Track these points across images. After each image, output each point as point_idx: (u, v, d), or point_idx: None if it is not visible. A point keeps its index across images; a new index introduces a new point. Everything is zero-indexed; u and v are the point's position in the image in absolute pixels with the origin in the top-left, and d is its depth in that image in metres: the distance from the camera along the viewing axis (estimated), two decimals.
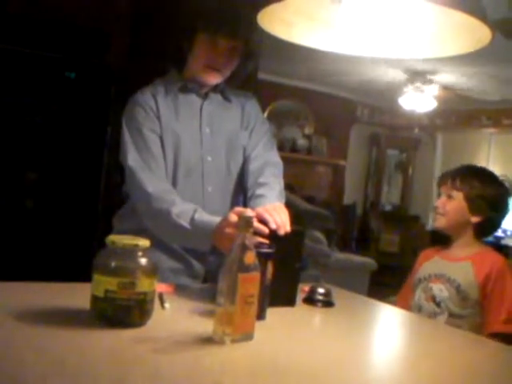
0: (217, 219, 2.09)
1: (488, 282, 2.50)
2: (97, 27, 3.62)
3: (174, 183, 2.32)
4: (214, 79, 2.40)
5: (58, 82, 3.59)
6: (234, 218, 1.96)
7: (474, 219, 2.60)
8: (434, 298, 2.59)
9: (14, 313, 1.63)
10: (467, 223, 2.62)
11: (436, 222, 2.70)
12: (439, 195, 2.72)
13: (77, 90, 3.63)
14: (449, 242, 2.70)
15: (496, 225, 2.74)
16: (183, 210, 2.16)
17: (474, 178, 2.62)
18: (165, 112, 2.35)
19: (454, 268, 2.59)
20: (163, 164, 2.31)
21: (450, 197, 2.63)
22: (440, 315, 2.53)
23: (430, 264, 2.72)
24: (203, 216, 2.15)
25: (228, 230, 1.97)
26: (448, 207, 2.63)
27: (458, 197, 2.60)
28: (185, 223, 2.13)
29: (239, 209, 2.07)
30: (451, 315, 2.52)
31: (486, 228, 2.68)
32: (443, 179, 2.71)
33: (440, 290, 2.57)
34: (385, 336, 2.10)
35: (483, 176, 2.68)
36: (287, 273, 2.07)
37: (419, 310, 2.61)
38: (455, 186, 2.62)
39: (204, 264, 2.37)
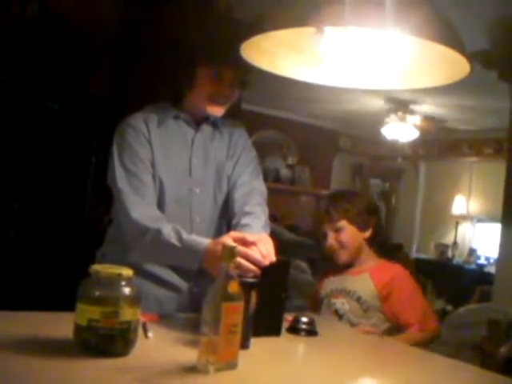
0: (207, 239, 2.11)
1: (389, 289, 2.62)
2: (82, 57, 3.63)
3: (162, 212, 2.31)
4: (220, 112, 2.40)
5: (42, 113, 3.60)
6: (229, 240, 1.97)
7: (366, 235, 2.75)
8: (336, 312, 2.69)
9: None
10: (362, 242, 2.74)
11: (338, 258, 2.75)
12: (324, 237, 2.77)
13: (60, 121, 3.63)
14: None
15: (380, 229, 2.88)
16: (173, 229, 2.16)
17: (343, 201, 2.74)
18: (156, 140, 2.32)
19: (353, 281, 2.71)
20: (153, 189, 2.29)
21: (336, 230, 2.72)
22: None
23: (330, 281, 2.82)
24: (193, 235, 2.17)
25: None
26: (342, 239, 2.71)
27: (344, 225, 2.70)
28: (175, 241, 2.12)
29: (235, 233, 2.09)
30: (351, 325, 2.62)
31: (375, 236, 2.79)
32: (321, 219, 2.82)
33: (342, 303, 2.68)
34: (369, 365, 2.10)
35: (348, 196, 2.81)
36: (273, 302, 2.07)
37: None
38: (334, 218, 2.71)
39: (192, 285, 2.37)
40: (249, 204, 2.40)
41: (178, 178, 2.37)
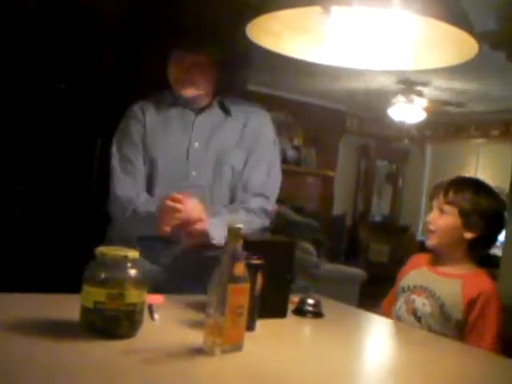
0: None
1: (474, 306, 2.33)
2: (88, 38, 3.62)
3: (153, 193, 2.42)
4: (190, 93, 2.41)
5: (49, 93, 3.59)
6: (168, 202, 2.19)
7: (468, 235, 2.41)
8: (415, 312, 2.44)
9: (2, 324, 1.63)
10: (460, 240, 2.43)
11: (428, 240, 2.51)
12: (431, 209, 2.54)
13: (67, 101, 3.62)
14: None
15: (491, 241, 2.53)
16: (146, 203, 2.36)
17: (468, 190, 2.44)
18: (152, 124, 2.43)
19: (441, 284, 2.43)
20: (142, 170, 2.43)
21: (442, 211, 2.46)
22: (418, 330, 2.38)
23: (417, 273, 2.56)
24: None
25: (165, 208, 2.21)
26: (440, 223, 2.45)
27: (451, 211, 2.43)
28: (144, 213, 2.32)
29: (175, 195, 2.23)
30: (430, 331, 2.35)
31: (481, 245, 2.46)
32: (435, 192, 2.54)
33: (423, 304, 2.42)
34: (374, 346, 2.11)
35: (478, 188, 2.48)
36: (278, 284, 2.07)
37: (398, 320, 2.47)
38: (448, 200, 2.44)
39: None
40: (241, 201, 2.44)
41: (175, 161, 2.42)
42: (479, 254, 2.49)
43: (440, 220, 2.46)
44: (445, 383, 1.67)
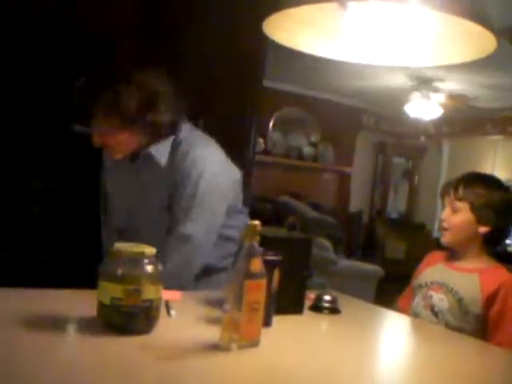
0: None
1: (494, 300, 2.32)
2: (103, 35, 3.62)
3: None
4: (113, 155, 2.50)
5: (65, 90, 3.59)
6: None
7: (482, 230, 2.42)
8: (432, 308, 2.44)
9: (20, 319, 1.64)
10: (475, 235, 2.43)
11: (443, 237, 2.51)
12: (443, 207, 2.55)
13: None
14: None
15: (506, 234, 2.54)
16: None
17: (478, 185, 2.45)
18: (109, 175, 2.69)
19: (458, 279, 2.43)
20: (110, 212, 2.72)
21: (454, 208, 2.46)
22: (436, 326, 2.38)
23: (433, 270, 2.56)
24: None
25: None
26: (453, 221, 2.46)
27: (463, 208, 2.43)
28: None
29: None
30: (448, 327, 2.35)
31: (495, 238, 2.47)
32: (445, 190, 2.55)
33: (440, 299, 2.42)
34: (391, 343, 2.10)
35: (487, 182, 2.50)
36: (295, 280, 2.07)
37: (415, 316, 2.48)
38: (458, 196, 2.45)
39: None
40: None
41: (121, 208, 2.63)
42: (495, 247, 2.50)
43: (453, 217, 2.46)
44: (463, 381, 1.66)
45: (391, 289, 7.15)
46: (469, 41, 1.84)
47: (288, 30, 1.96)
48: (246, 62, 4.27)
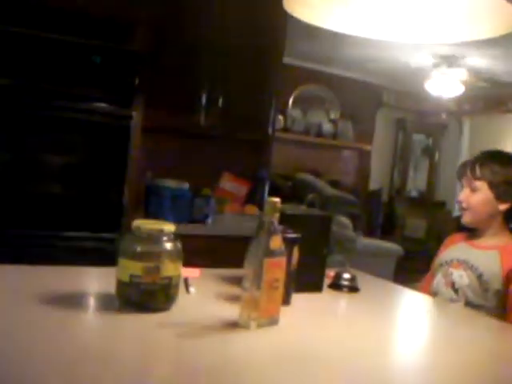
0: None
1: None
2: (123, 14, 3.61)
3: None
4: None
5: (84, 67, 3.59)
6: None
7: (502, 207, 2.43)
8: (453, 285, 2.44)
9: (40, 296, 1.64)
10: (495, 212, 2.44)
11: (463, 217, 2.52)
12: (462, 187, 2.55)
13: (102, 75, 3.62)
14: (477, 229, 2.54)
15: None
16: None
17: (494, 163, 2.46)
18: None
19: (478, 255, 2.43)
20: None
21: (472, 188, 2.47)
22: (456, 302, 2.39)
23: (454, 249, 2.58)
24: None
25: None
26: (472, 200, 2.47)
27: (482, 187, 2.44)
28: None
29: None
30: (468, 304, 2.36)
31: None
32: (462, 170, 2.56)
33: (460, 276, 2.42)
34: (410, 322, 2.09)
35: (503, 159, 2.51)
36: (314, 258, 2.06)
37: (435, 294, 2.48)
38: (476, 176, 2.46)
39: None
40: None
41: None
42: None
43: (471, 197, 2.47)
44: (482, 359, 1.65)
45: (411, 267, 7.15)
46: (491, 17, 1.81)
47: (309, 6, 1.93)
48: (266, 39, 4.25)
